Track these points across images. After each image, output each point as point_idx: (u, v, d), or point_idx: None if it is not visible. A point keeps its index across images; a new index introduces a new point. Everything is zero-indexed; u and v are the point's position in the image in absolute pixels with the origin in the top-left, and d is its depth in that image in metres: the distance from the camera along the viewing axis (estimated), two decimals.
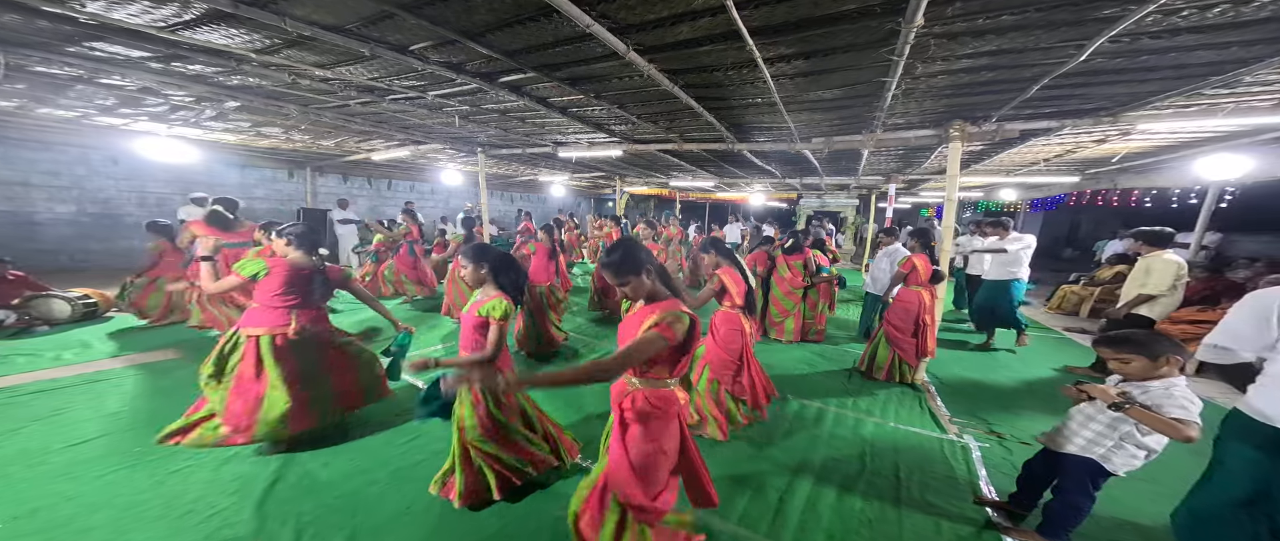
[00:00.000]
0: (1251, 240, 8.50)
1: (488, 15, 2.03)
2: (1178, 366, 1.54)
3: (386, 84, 3.16)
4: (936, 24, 1.81)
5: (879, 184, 8.92)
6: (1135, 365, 1.59)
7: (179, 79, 3.16)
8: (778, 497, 2.19)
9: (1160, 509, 1.90)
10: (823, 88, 2.85)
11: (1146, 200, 9.91)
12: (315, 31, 2.12)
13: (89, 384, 3.13)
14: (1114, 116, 3.08)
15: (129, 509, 1.95)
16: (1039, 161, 5.68)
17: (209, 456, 2.33)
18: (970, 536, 1.98)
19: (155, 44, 2.43)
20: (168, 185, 7.74)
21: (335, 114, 4.26)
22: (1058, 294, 6.95)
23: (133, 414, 2.75)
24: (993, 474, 2.44)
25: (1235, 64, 2.13)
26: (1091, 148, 4.69)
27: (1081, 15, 1.71)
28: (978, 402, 3.38)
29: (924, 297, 3.58)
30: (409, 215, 6.13)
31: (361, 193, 10.84)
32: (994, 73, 2.44)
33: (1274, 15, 1.62)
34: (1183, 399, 1.50)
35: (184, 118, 4.56)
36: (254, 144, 6.23)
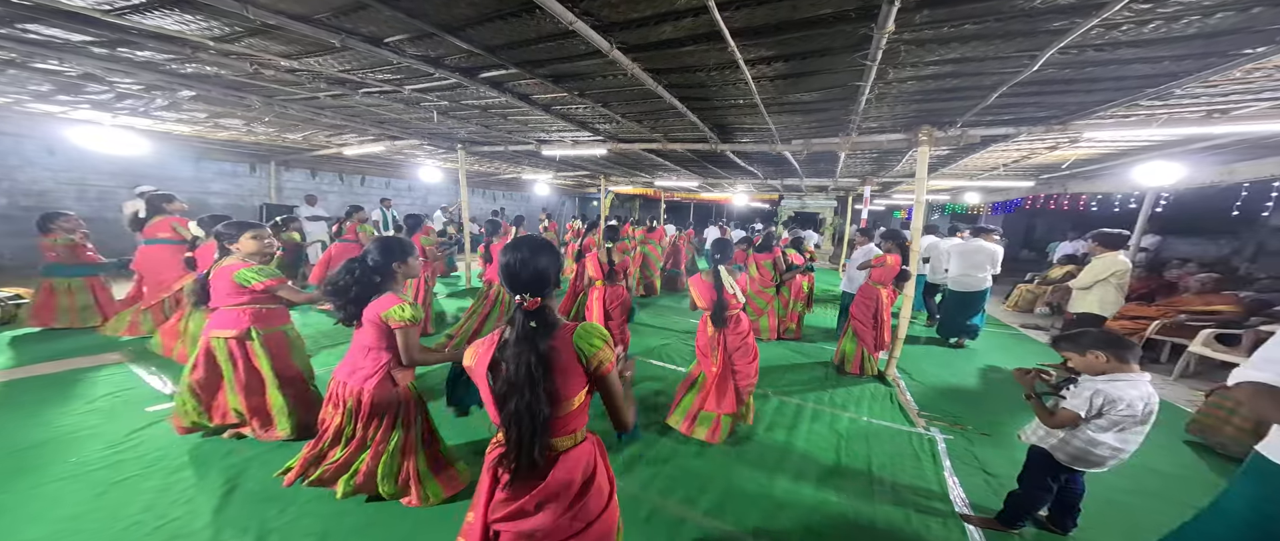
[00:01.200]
0: (1184, 242, 9.26)
1: (468, 9, 1.99)
2: (1106, 358, 1.65)
3: (359, 77, 3.04)
4: (906, 30, 1.90)
5: (855, 186, 9.24)
6: (1074, 360, 1.72)
7: (126, 66, 2.94)
8: (758, 492, 2.23)
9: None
10: (802, 90, 2.93)
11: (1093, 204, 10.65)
12: (281, 20, 2.02)
13: (19, 389, 2.88)
14: (1063, 124, 3.31)
15: (67, 522, 1.81)
16: (999, 166, 6.01)
17: (158, 465, 2.18)
18: (937, 525, 2.08)
19: (99, 28, 2.26)
20: (112, 177, 7.19)
21: (303, 106, 4.06)
22: (1014, 292, 7.38)
23: (71, 421, 2.54)
24: (956, 465, 2.56)
25: (1167, 77, 2.33)
26: (1044, 154, 5.01)
27: (1034, 26, 1.83)
28: (944, 396, 3.56)
29: (882, 294, 3.81)
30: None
31: (332, 189, 10.38)
32: (958, 80, 2.57)
33: (1200, 32, 1.78)
34: (1084, 391, 1.65)
35: (131, 106, 4.25)
36: (211, 135, 5.87)
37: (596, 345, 1.08)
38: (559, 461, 1.09)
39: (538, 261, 1.09)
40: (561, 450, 1.10)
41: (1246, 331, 3.88)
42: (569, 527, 1.09)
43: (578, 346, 1.07)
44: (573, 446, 1.12)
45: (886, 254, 3.84)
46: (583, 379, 1.09)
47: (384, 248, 1.76)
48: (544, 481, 1.07)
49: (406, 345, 1.72)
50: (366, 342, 1.77)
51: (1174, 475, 2.52)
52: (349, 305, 1.73)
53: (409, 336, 1.72)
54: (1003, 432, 2.97)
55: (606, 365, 1.08)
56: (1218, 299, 4.52)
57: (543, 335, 1.06)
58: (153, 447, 2.33)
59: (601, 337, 1.09)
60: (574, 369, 1.08)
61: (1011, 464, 2.55)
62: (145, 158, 7.04)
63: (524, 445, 1.04)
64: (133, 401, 2.81)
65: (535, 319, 1.07)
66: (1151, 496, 2.32)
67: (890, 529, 2.04)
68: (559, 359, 1.06)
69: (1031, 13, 1.69)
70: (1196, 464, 2.70)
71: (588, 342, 1.07)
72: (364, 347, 1.78)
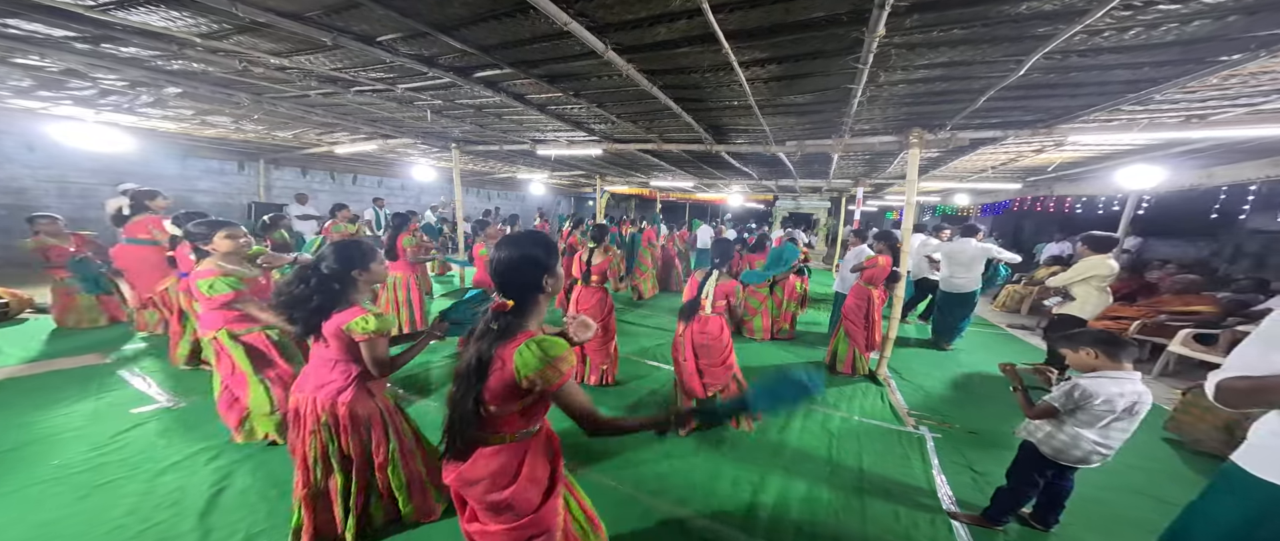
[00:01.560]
0: (1165, 244, 9.50)
1: (462, 9, 1.98)
2: (1097, 355, 1.70)
3: (351, 75, 3.01)
4: (897, 34, 1.93)
5: (848, 187, 9.33)
6: (1069, 357, 1.77)
7: (110, 62, 2.89)
8: (751, 491, 2.25)
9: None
10: (795, 92, 2.96)
11: (1078, 206, 10.89)
12: (271, 18, 2.00)
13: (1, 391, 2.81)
14: (1049, 128, 3.38)
15: (47, 525, 1.78)
16: (987, 169, 6.12)
17: (142, 468, 2.15)
18: (925, 522, 2.11)
19: (82, 23, 2.21)
20: (94, 175, 7.02)
21: (293, 104, 4.01)
22: (1002, 292, 7.51)
23: (52, 423, 2.49)
24: (944, 463, 2.60)
25: (1148, 83, 2.39)
26: (1031, 157, 5.10)
27: (1021, 32, 1.87)
28: (933, 396, 3.61)
29: (873, 295, 3.86)
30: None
31: (323, 187, 10.24)
32: (947, 83, 2.61)
33: (1178, 40, 1.83)
34: (1065, 386, 1.72)
35: (115, 103, 4.17)
36: (198, 133, 5.76)
37: (531, 365, 1.00)
38: (475, 455, 1.10)
39: (516, 264, 1.06)
40: (483, 444, 1.11)
41: (1223, 331, 4.00)
42: (497, 517, 1.13)
43: (515, 363, 1.01)
44: (497, 445, 1.11)
45: (878, 255, 3.89)
46: (515, 394, 1.04)
47: (341, 253, 1.59)
48: (461, 468, 1.11)
49: (374, 359, 1.57)
50: (330, 356, 1.61)
51: (1152, 471, 2.59)
52: (309, 317, 1.56)
53: (376, 348, 1.56)
54: (989, 431, 3.03)
55: (552, 384, 1.01)
56: (1196, 299, 4.64)
57: (496, 339, 1.04)
58: (137, 450, 2.29)
59: (541, 359, 1.00)
60: (508, 383, 1.02)
61: (997, 462, 2.60)
62: (129, 155, 6.89)
63: (452, 432, 1.09)
64: (117, 403, 2.76)
65: (497, 321, 1.06)
66: (1130, 492, 2.38)
67: (880, 525, 2.07)
68: (496, 369, 1.03)
69: (1017, 18, 1.73)
70: (1173, 460, 2.78)
71: (524, 361, 1.00)
72: (328, 361, 1.62)
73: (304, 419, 1.64)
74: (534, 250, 1.07)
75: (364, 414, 1.67)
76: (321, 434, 1.63)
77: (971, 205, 11.53)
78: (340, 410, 1.61)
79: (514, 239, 1.09)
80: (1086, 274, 3.64)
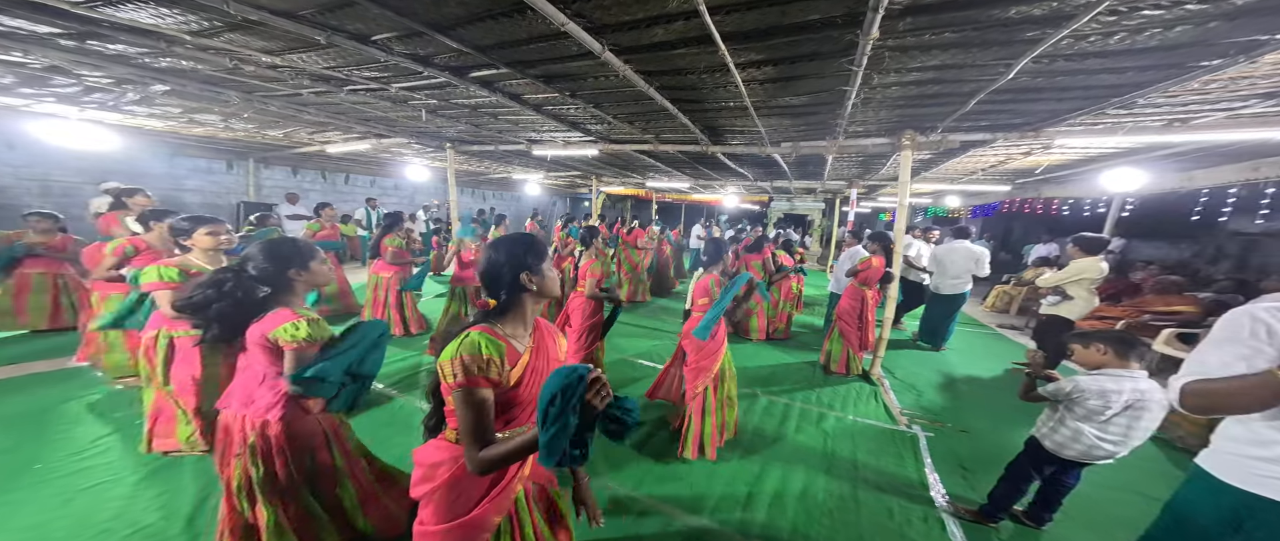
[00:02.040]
0: (1147, 245, 9.72)
1: (458, 8, 1.98)
2: (1103, 350, 1.76)
3: (345, 74, 2.98)
4: (890, 37, 1.96)
5: (842, 188, 9.42)
6: (1078, 353, 1.83)
7: (96, 59, 2.83)
8: (747, 490, 2.26)
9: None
10: (790, 94, 2.98)
11: (1065, 208, 11.09)
12: (263, 16, 1.97)
13: None
14: (1036, 131, 3.44)
15: (32, 530, 1.74)
16: (977, 171, 6.22)
17: (127, 471, 2.10)
18: (918, 519, 2.14)
19: (68, 20, 2.17)
20: (78, 174, 6.87)
21: (284, 103, 3.96)
22: (992, 293, 7.63)
23: (31, 426, 2.43)
24: (937, 461, 2.64)
25: (1131, 87, 2.45)
26: (1019, 159, 5.19)
27: (1010, 36, 1.91)
28: (925, 395, 3.66)
29: (867, 295, 3.89)
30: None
31: (314, 187, 10.11)
32: (939, 86, 2.66)
33: (1161, 45, 1.88)
34: (1066, 379, 1.80)
35: (100, 100, 4.09)
36: (186, 131, 5.67)
37: (446, 354, 0.98)
38: (430, 442, 1.14)
39: (497, 264, 1.08)
40: (434, 433, 1.16)
41: (1205, 331, 4.09)
42: (422, 509, 1.14)
43: (439, 359, 1.01)
44: (445, 440, 1.10)
45: (872, 256, 3.94)
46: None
47: (273, 252, 1.43)
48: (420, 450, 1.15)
49: (289, 366, 1.37)
50: (259, 369, 1.44)
51: (1140, 469, 2.64)
52: (214, 324, 1.40)
53: (302, 360, 1.36)
54: (980, 431, 3.07)
55: (444, 386, 1.00)
56: (1178, 300, 4.75)
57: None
58: (120, 453, 2.25)
59: (451, 354, 0.97)
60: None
61: (988, 460, 2.65)
62: (115, 153, 6.75)
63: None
64: (98, 406, 2.70)
65: (479, 321, 1.09)
66: (1118, 490, 2.43)
67: (874, 524, 2.09)
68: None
69: (1007, 22, 1.77)
70: (1158, 457, 2.84)
71: (444, 357, 0.99)
72: (256, 375, 1.45)
73: (231, 439, 1.47)
74: (515, 249, 1.07)
75: (304, 431, 1.49)
76: (246, 457, 1.44)
77: (962, 207, 11.70)
78: (272, 430, 1.44)
79: (498, 241, 1.10)
80: (1079, 275, 3.71)
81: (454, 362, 0.97)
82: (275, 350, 1.39)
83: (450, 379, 0.97)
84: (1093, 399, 1.71)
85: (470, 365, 0.96)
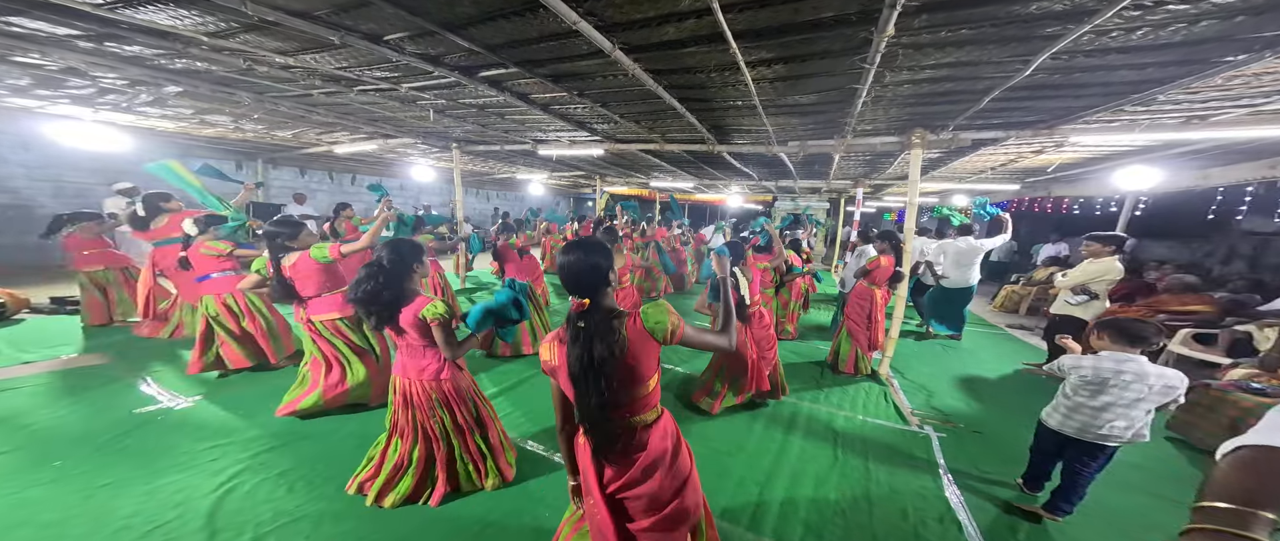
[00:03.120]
0: (1160, 245, 9.58)
1: (471, 7, 1.98)
2: (1100, 336, 1.91)
3: (355, 74, 3.00)
4: (905, 34, 1.94)
5: (848, 188, 9.36)
6: (1094, 343, 1.96)
7: (112, 60, 2.86)
8: (757, 491, 2.25)
9: None
10: (800, 92, 2.96)
11: (1075, 207, 10.96)
12: (280, 16, 1.99)
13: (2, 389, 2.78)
14: (1051, 129, 3.40)
15: (52, 526, 1.76)
16: (986, 169, 6.15)
17: (144, 468, 2.13)
18: (933, 520, 2.11)
19: (88, 21, 2.19)
20: (92, 175, 6.96)
21: (295, 103, 3.99)
22: (1001, 293, 7.55)
23: (52, 424, 2.46)
24: (950, 462, 2.61)
25: (1152, 83, 2.41)
26: (1030, 158, 5.14)
27: (1029, 32, 1.88)
28: (935, 395, 3.62)
29: (876, 295, 3.87)
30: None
31: (321, 187, 10.20)
32: (952, 84, 2.63)
33: (1186, 40, 1.85)
34: (1064, 358, 2.02)
35: (114, 102, 4.14)
36: (196, 132, 5.73)
37: (663, 322, 1.16)
38: (651, 434, 1.23)
39: (585, 267, 1.17)
40: (649, 423, 1.23)
41: (1222, 331, 4.03)
42: (672, 486, 1.25)
43: (649, 328, 1.16)
44: (656, 419, 1.25)
45: (881, 255, 3.91)
46: (655, 359, 1.19)
47: (396, 250, 1.79)
48: (645, 451, 1.21)
49: (445, 341, 1.76)
50: (417, 343, 1.81)
51: (1154, 470, 2.60)
52: (382, 310, 1.73)
53: (447, 332, 1.76)
54: (994, 431, 3.04)
55: (679, 328, 1.18)
56: (1194, 299, 4.68)
57: (600, 334, 1.12)
58: (141, 450, 2.27)
59: (663, 311, 1.18)
60: (648, 351, 1.17)
61: (1003, 461, 2.62)
62: (126, 154, 6.82)
63: (596, 428, 1.17)
64: (118, 404, 2.73)
65: (583, 320, 1.14)
66: (1132, 490, 2.39)
67: (888, 524, 2.08)
68: (631, 347, 1.15)
69: (1027, 19, 1.74)
70: (1176, 458, 2.79)
71: (655, 322, 1.16)
72: (417, 348, 1.82)
73: (418, 401, 1.87)
74: (596, 256, 1.19)
75: (465, 385, 1.95)
76: (439, 411, 1.90)
77: (969, 206, 11.60)
78: (446, 387, 1.86)
79: (578, 244, 1.20)
80: (1104, 275, 3.64)
81: (670, 312, 1.19)
82: (426, 327, 1.75)
83: (678, 323, 1.19)
84: (1083, 372, 1.88)
85: (670, 311, 1.21)
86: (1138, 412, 1.80)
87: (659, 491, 1.22)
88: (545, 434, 2.63)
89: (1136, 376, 1.78)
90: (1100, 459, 1.94)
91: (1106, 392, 1.83)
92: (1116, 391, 1.81)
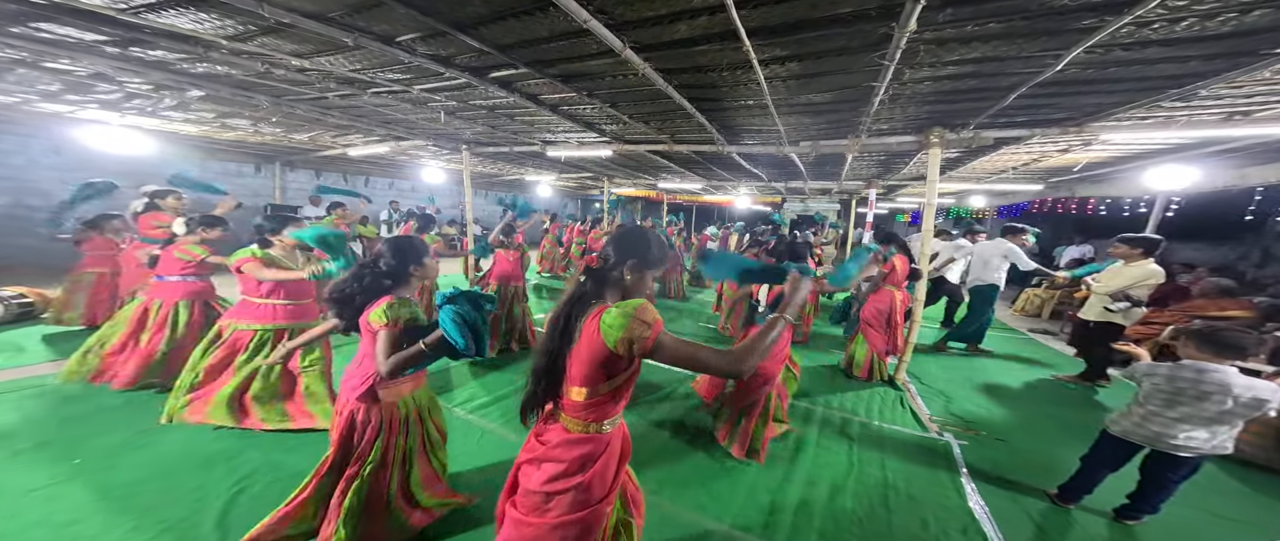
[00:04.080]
0: (1189, 248, 9.18)
1: (482, 7, 1.97)
2: (1185, 343, 1.83)
3: (369, 76, 3.03)
4: (928, 30, 1.87)
5: (860, 189, 9.18)
6: (1180, 349, 1.90)
7: (137, 65, 2.94)
8: (769, 499, 2.19)
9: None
10: (814, 91, 2.90)
11: (1102, 208, 10.59)
12: (295, 19, 2.00)
13: (21, 390, 2.86)
14: (1079, 126, 3.26)
15: (69, 525, 1.79)
16: (1007, 169, 5.97)
17: (160, 464, 2.16)
18: (956, 533, 2.03)
19: (114, 27, 2.25)
20: (118, 177, 7.15)
21: (310, 106, 4.06)
22: (1022, 297, 7.32)
23: (73, 422, 2.52)
24: (974, 471, 2.51)
25: (1193, 78, 2.28)
26: (1055, 157, 4.96)
27: (1063, 25, 1.79)
28: (955, 401, 3.51)
29: (895, 297, 3.74)
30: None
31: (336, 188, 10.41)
32: (976, 81, 2.53)
33: (1236, 31, 1.73)
34: (1142, 363, 1.97)
35: (139, 106, 4.26)
36: (218, 135, 5.88)
37: (615, 326, 0.96)
38: (565, 436, 1.10)
39: (627, 237, 1.12)
40: (569, 429, 1.10)
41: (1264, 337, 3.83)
42: (539, 504, 1.10)
43: (602, 331, 0.98)
44: (581, 432, 1.08)
45: (892, 257, 3.79)
46: (601, 368, 1.01)
47: (398, 250, 1.57)
48: (546, 447, 1.11)
49: (382, 350, 1.42)
50: (362, 352, 1.57)
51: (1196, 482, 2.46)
52: (354, 313, 1.53)
53: (382, 340, 1.42)
54: (1018, 439, 2.93)
55: (645, 341, 0.95)
56: (1231, 304, 4.44)
57: (582, 303, 1.07)
58: (158, 450, 2.31)
59: (624, 315, 0.96)
60: (596, 354, 1.00)
61: (1031, 469, 2.52)
62: (151, 157, 7.05)
63: (528, 395, 1.12)
64: (136, 402, 2.79)
65: (588, 275, 1.09)
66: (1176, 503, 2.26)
67: (908, 533, 2.00)
68: (581, 340, 1.03)
69: (1062, 10, 1.66)
70: (1217, 473, 2.65)
71: (609, 325, 0.97)
72: (358, 358, 1.58)
73: (342, 415, 1.63)
74: (641, 238, 1.11)
75: (377, 420, 1.60)
76: (352, 432, 1.62)
77: (988, 207, 11.29)
78: (355, 407, 1.59)
79: (638, 227, 1.20)
80: (1146, 279, 3.50)
81: (639, 319, 0.98)
82: (373, 334, 1.49)
83: (646, 333, 0.97)
84: (1161, 384, 1.78)
85: (649, 313, 1.02)
86: (1222, 425, 1.71)
87: (536, 492, 1.09)
88: None
89: (1219, 388, 1.67)
90: (1183, 470, 1.87)
91: (1184, 403, 1.72)
92: (1195, 402, 1.70)
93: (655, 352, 0.97)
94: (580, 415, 1.07)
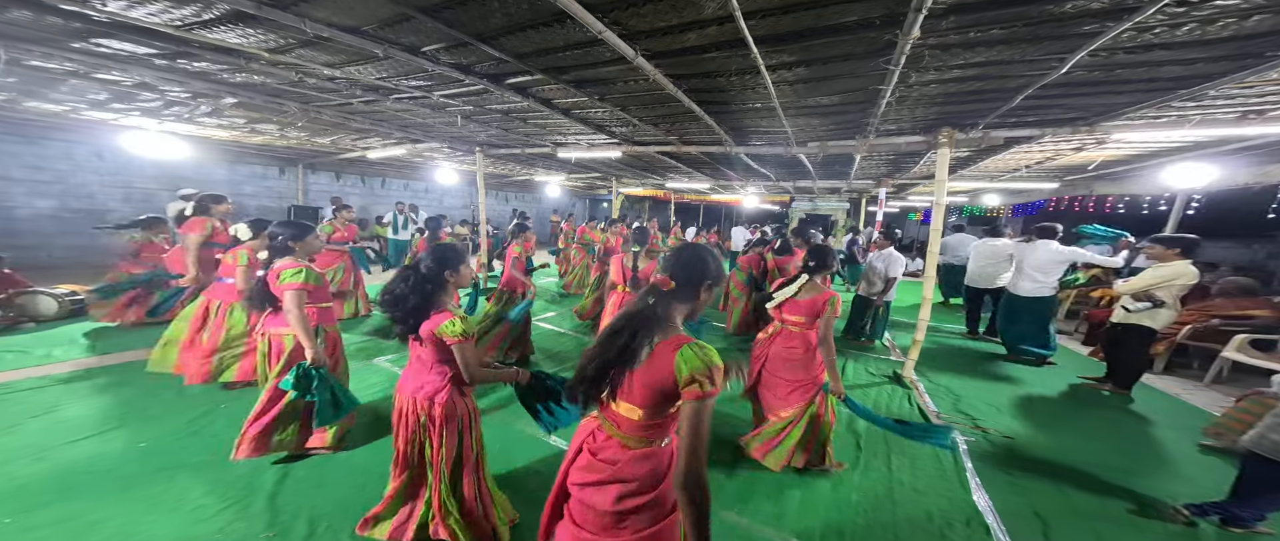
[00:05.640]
0: (1211, 245, 8.92)
1: (502, 19, 2.09)
2: None
3: (393, 84, 3.18)
4: (932, 36, 1.93)
5: (869, 187, 9.14)
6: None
7: (181, 75, 3.14)
8: (776, 488, 2.27)
9: None
10: (821, 94, 2.96)
11: (1120, 206, 10.35)
12: (334, 33, 2.15)
13: (81, 381, 3.08)
14: (1090, 126, 3.26)
15: (138, 503, 1.96)
16: (1021, 168, 5.91)
17: (214, 455, 2.33)
18: (960, 524, 2.09)
19: (165, 41, 2.43)
20: (155, 181, 7.58)
21: (336, 112, 4.25)
22: None
23: (130, 411, 2.72)
24: (978, 467, 2.56)
25: (1200, 79, 2.30)
26: (1070, 155, 4.91)
27: (1063, 30, 1.84)
28: (963, 399, 3.53)
29: None
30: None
31: (354, 191, 10.72)
32: (982, 83, 2.57)
33: (1236, 35, 1.76)
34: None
35: (177, 113, 4.50)
36: (246, 140, 6.14)
37: (691, 363, 0.98)
38: (629, 456, 1.09)
39: (694, 256, 1.13)
40: (630, 447, 1.09)
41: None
42: (632, 521, 1.09)
43: (675, 365, 0.99)
44: (645, 448, 1.09)
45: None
46: (663, 395, 1.03)
47: (438, 256, 1.65)
48: (610, 466, 1.10)
49: (464, 362, 1.58)
50: (427, 359, 1.66)
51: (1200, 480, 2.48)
52: (407, 316, 1.60)
53: (465, 352, 1.58)
54: (1025, 437, 2.95)
55: (701, 393, 0.96)
56: (1252, 303, 4.37)
57: (648, 324, 1.05)
58: (210, 436, 2.48)
59: (703, 361, 0.98)
60: (664, 382, 1.01)
61: (1036, 467, 2.55)
62: (185, 161, 7.41)
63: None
64: (189, 393, 2.95)
65: (654, 296, 1.09)
66: None
67: (912, 525, 2.06)
68: (650, 364, 1.02)
69: (1062, 17, 1.71)
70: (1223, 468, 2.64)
71: (685, 359, 0.99)
72: (425, 364, 1.67)
73: (406, 419, 1.68)
74: (706, 257, 1.14)
75: (459, 414, 1.68)
76: (420, 434, 1.67)
77: (1002, 205, 11.11)
78: (436, 411, 1.64)
79: (687, 246, 1.17)
80: (1174, 279, 3.26)
81: (713, 379, 0.97)
82: (442, 344, 1.59)
83: (708, 387, 0.97)
84: None
85: (720, 373, 1.00)
86: None
87: (606, 510, 1.07)
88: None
89: None
90: None
91: None
92: None
93: (697, 405, 0.97)
94: (639, 433, 1.09)
